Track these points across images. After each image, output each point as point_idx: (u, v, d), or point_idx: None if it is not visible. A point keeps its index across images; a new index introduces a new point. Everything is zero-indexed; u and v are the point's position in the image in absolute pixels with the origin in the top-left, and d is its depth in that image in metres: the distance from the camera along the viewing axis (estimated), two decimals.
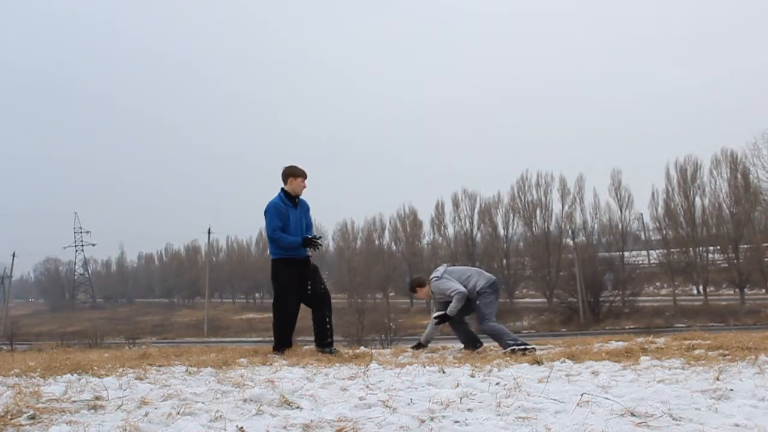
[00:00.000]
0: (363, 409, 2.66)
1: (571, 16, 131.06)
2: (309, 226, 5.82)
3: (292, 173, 5.67)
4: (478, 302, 5.73)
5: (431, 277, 5.95)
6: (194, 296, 74.11)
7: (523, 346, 5.26)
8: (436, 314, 5.86)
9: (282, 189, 5.68)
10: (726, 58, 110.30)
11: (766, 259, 41.21)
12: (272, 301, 5.82)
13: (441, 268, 5.95)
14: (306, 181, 5.70)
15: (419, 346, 5.87)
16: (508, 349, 5.26)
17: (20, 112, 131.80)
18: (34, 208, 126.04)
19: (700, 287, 43.98)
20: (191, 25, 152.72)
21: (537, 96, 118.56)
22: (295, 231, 5.61)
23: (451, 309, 5.68)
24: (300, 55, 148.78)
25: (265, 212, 5.60)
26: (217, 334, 46.60)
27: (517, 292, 49.37)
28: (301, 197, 5.75)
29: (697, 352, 4.37)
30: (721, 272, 44.35)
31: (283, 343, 5.69)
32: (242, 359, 4.86)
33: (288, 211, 5.60)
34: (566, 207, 48.78)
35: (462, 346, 5.94)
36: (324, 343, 5.62)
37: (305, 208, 5.79)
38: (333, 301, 5.97)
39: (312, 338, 5.80)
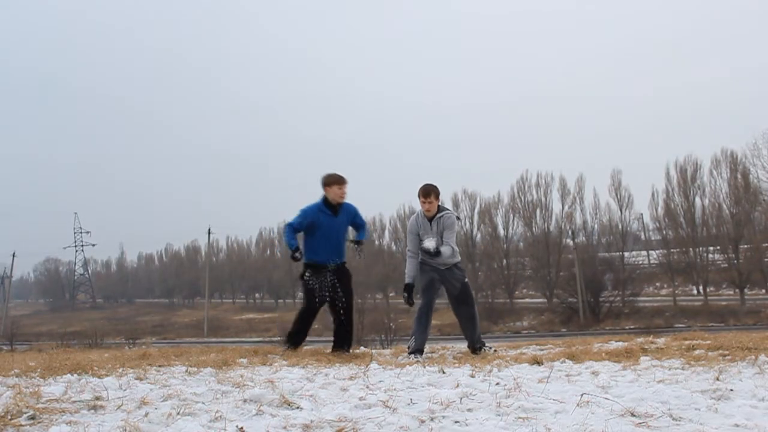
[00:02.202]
0: (363, 409, 2.66)
1: (571, 16, 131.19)
2: (360, 228, 5.80)
3: (327, 182, 5.60)
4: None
5: (454, 213, 5.64)
6: (194, 296, 74.10)
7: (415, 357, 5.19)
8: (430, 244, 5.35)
9: (324, 195, 5.64)
10: (726, 58, 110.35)
11: (766, 259, 41.22)
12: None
13: None
14: (344, 188, 5.59)
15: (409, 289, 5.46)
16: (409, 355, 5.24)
17: (20, 112, 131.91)
18: (34, 208, 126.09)
19: (700, 287, 43.97)
20: (190, 24, 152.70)
21: (537, 96, 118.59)
22: (329, 237, 5.57)
23: (449, 254, 5.39)
24: (300, 55, 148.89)
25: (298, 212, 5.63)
26: (217, 334, 46.60)
27: (517, 292, 49.37)
28: (345, 202, 5.68)
29: (697, 352, 4.36)
30: (721, 272, 44.35)
31: (291, 338, 5.69)
32: (242, 359, 4.86)
33: (320, 217, 5.54)
34: (566, 207, 48.82)
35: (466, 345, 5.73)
36: (342, 347, 5.63)
37: (350, 214, 5.72)
38: None
39: (312, 339, 5.81)
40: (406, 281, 5.44)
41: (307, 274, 5.65)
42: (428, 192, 5.40)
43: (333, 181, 5.58)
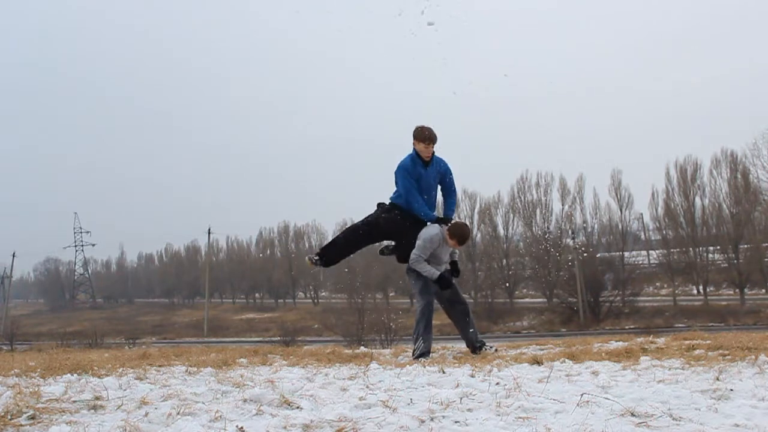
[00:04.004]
0: (363, 409, 2.66)
1: (570, 15, 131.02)
2: (448, 193, 5.70)
3: (415, 136, 5.45)
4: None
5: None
6: (194, 296, 74.12)
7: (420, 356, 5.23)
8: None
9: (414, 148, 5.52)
10: (726, 58, 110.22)
11: (766, 259, 41.26)
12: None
13: None
14: (430, 147, 5.42)
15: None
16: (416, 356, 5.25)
17: (20, 111, 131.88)
18: (34, 208, 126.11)
19: (700, 287, 44.00)
20: (191, 24, 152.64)
21: (537, 96, 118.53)
22: (422, 191, 5.49)
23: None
24: (302, 55, 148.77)
25: (396, 173, 5.50)
26: (217, 334, 46.65)
27: (517, 292, 49.39)
28: (437, 156, 5.56)
29: (697, 352, 4.36)
30: (721, 272, 44.41)
31: (326, 252, 5.62)
32: (242, 359, 4.86)
33: (416, 169, 5.44)
34: (566, 207, 48.91)
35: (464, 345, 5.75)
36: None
37: (441, 168, 5.61)
38: (333, 301, 5.95)
39: (312, 338, 5.80)
40: (435, 276, 5.35)
41: (391, 209, 5.53)
42: (466, 240, 5.47)
43: (421, 137, 5.41)
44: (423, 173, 5.46)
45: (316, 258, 5.63)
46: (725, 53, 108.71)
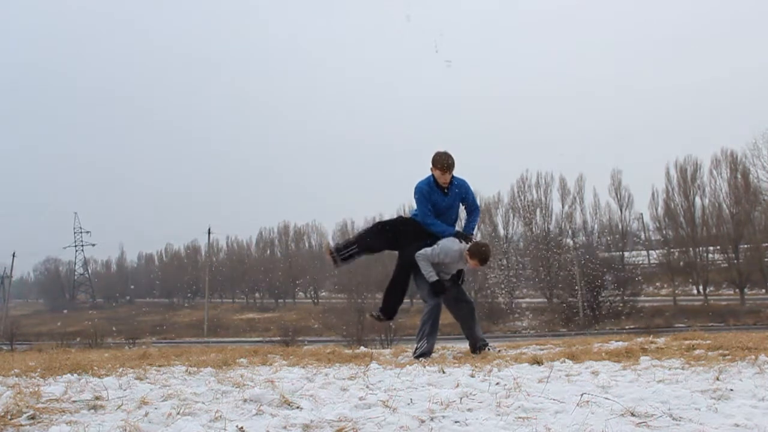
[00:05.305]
0: (363, 409, 2.66)
1: (570, 15, 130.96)
2: (471, 210, 5.72)
3: (432, 162, 5.44)
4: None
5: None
6: (194, 296, 74.09)
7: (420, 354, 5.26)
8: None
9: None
10: (726, 58, 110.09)
11: (766, 259, 41.31)
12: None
13: None
14: (446, 175, 5.41)
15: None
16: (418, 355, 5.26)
17: (20, 110, 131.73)
18: (34, 208, 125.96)
19: (700, 287, 44.04)
20: (192, 22, 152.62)
21: (537, 96, 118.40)
22: (440, 215, 5.52)
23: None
24: (303, 55, 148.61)
25: (414, 194, 5.56)
26: (217, 334, 46.60)
27: (517, 292, 49.38)
28: (457, 177, 5.55)
29: (697, 352, 4.36)
30: (721, 272, 44.44)
31: (346, 255, 5.73)
32: (242, 359, 4.87)
33: (432, 195, 5.47)
34: (566, 207, 48.99)
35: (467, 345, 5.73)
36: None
37: (462, 190, 5.60)
38: (333, 301, 5.99)
39: (312, 338, 5.81)
40: (433, 279, 5.36)
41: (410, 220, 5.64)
42: (486, 262, 5.46)
43: (437, 164, 5.41)
44: (440, 199, 5.49)
45: (337, 256, 5.70)
46: (725, 53, 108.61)
